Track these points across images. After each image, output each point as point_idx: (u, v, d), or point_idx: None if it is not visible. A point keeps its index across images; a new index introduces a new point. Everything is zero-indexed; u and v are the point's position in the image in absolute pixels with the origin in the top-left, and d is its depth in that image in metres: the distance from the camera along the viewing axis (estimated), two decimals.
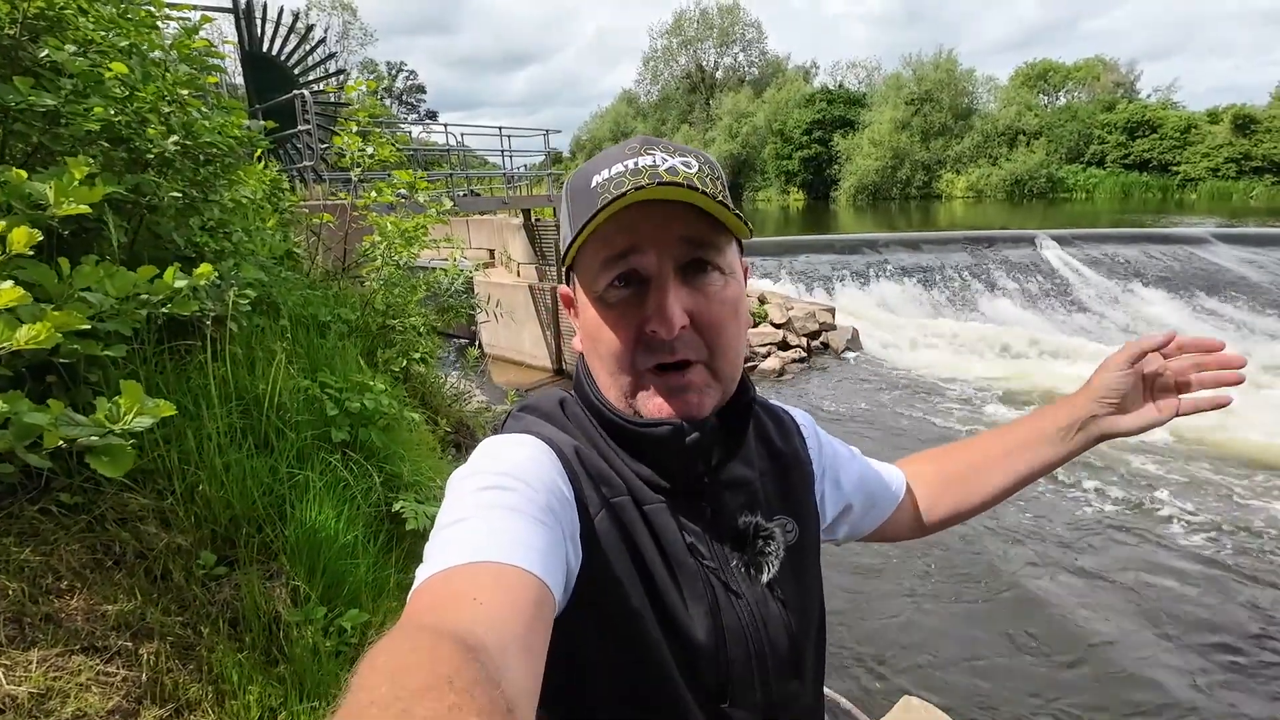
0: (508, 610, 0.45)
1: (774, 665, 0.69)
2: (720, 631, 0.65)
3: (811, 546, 0.78)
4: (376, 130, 3.86)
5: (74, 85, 1.88)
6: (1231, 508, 5.43)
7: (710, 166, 0.67)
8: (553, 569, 0.52)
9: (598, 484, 0.65)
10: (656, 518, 0.65)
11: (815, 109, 44.53)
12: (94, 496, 1.62)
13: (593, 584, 0.60)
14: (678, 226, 0.63)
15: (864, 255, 14.04)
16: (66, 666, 1.29)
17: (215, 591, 1.58)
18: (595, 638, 0.61)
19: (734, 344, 0.67)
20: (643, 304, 0.64)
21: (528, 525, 0.53)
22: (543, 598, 0.49)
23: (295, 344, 2.45)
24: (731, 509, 0.71)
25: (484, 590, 0.46)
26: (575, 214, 0.65)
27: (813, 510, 0.81)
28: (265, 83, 7.93)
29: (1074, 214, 26.60)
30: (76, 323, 1.31)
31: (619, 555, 0.62)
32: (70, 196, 1.53)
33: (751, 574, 0.70)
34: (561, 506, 0.59)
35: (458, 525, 0.53)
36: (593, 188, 0.64)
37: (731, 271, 0.67)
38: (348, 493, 2.00)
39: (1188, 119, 36.66)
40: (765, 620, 0.69)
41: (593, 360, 0.70)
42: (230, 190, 2.51)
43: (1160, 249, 14.28)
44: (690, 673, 0.64)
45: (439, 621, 0.43)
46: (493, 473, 0.59)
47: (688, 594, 0.65)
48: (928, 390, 8.65)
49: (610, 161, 0.65)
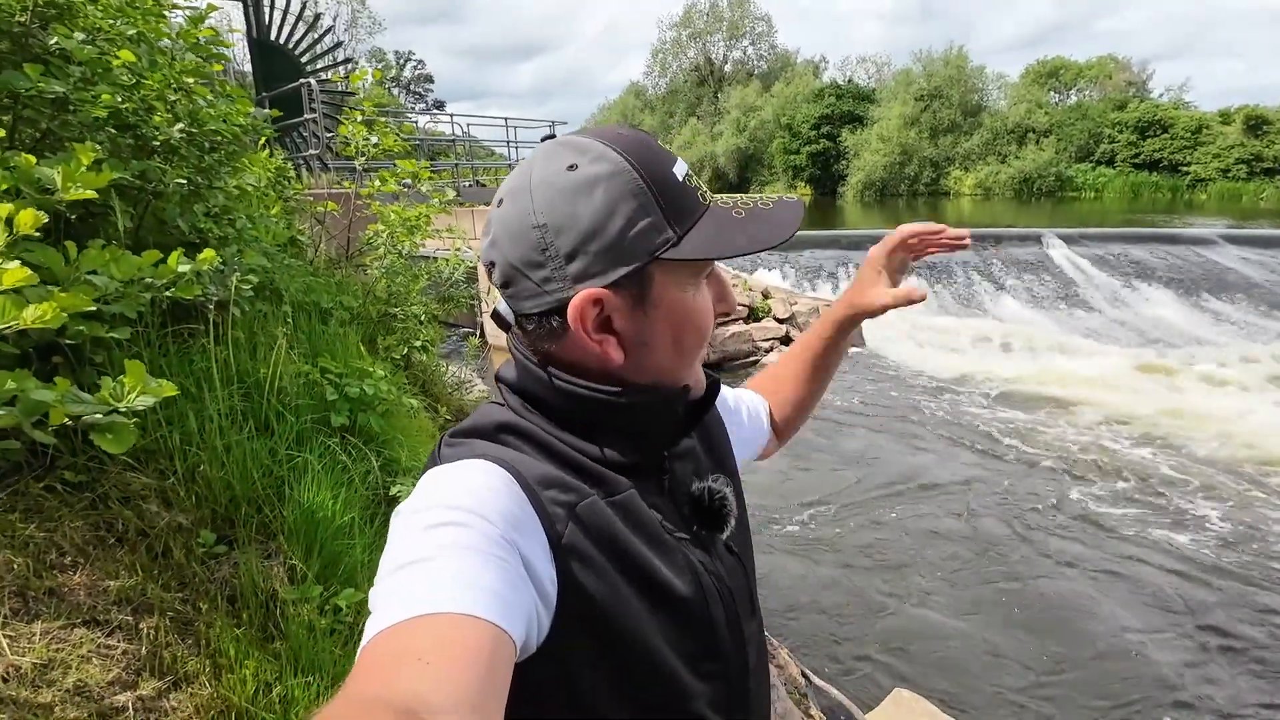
0: (458, 667, 0.43)
1: (741, 614, 0.73)
2: (704, 597, 0.67)
3: (741, 491, 0.83)
4: (382, 120, 3.88)
5: (82, 73, 1.91)
6: (1233, 505, 5.43)
7: None
8: (510, 609, 0.49)
9: (559, 495, 0.61)
10: (629, 506, 0.65)
11: (824, 104, 44.32)
12: (97, 475, 1.66)
13: (574, 599, 0.58)
14: None
15: (869, 251, 13.98)
16: (68, 639, 1.33)
17: (214, 569, 1.62)
18: (588, 651, 0.60)
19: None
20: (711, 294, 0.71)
21: (484, 565, 0.50)
22: (498, 646, 0.46)
23: (297, 330, 2.49)
24: (683, 477, 0.73)
25: (430, 647, 0.43)
26: (675, 208, 0.63)
27: (732, 458, 0.86)
28: (273, 70, 7.95)
29: (1082, 213, 26.45)
30: (82, 304, 1.34)
31: (594, 561, 0.60)
32: (78, 181, 1.57)
33: (714, 536, 0.73)
34: (521, 534, 0.56)
35: (404, 571, 0.50)
36: (682, 182, 0.65)
37: None
38: (346, 476, 2.03)
39: (1199, 119, 36.35)
40: (728, 575, 0.72)
41: (668, 354, 0.67)
42: (235, 177, 2.54)
43: (1168, 249, 14.20)
44: (684, 646, 0.65)
45: (381, 690, 0.40)
46: (443, 507, 0.55)
47: (672, 570, 0.65)
48: (931, 387, 8.66)
49: (669, 155, 0.66)
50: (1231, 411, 7.25)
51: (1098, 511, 5.39)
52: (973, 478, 6.03)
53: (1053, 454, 6.50)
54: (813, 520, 5.33)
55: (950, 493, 5.74)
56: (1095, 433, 6.98)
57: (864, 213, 31.17)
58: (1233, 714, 3.37)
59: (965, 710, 3.39)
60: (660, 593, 0.63)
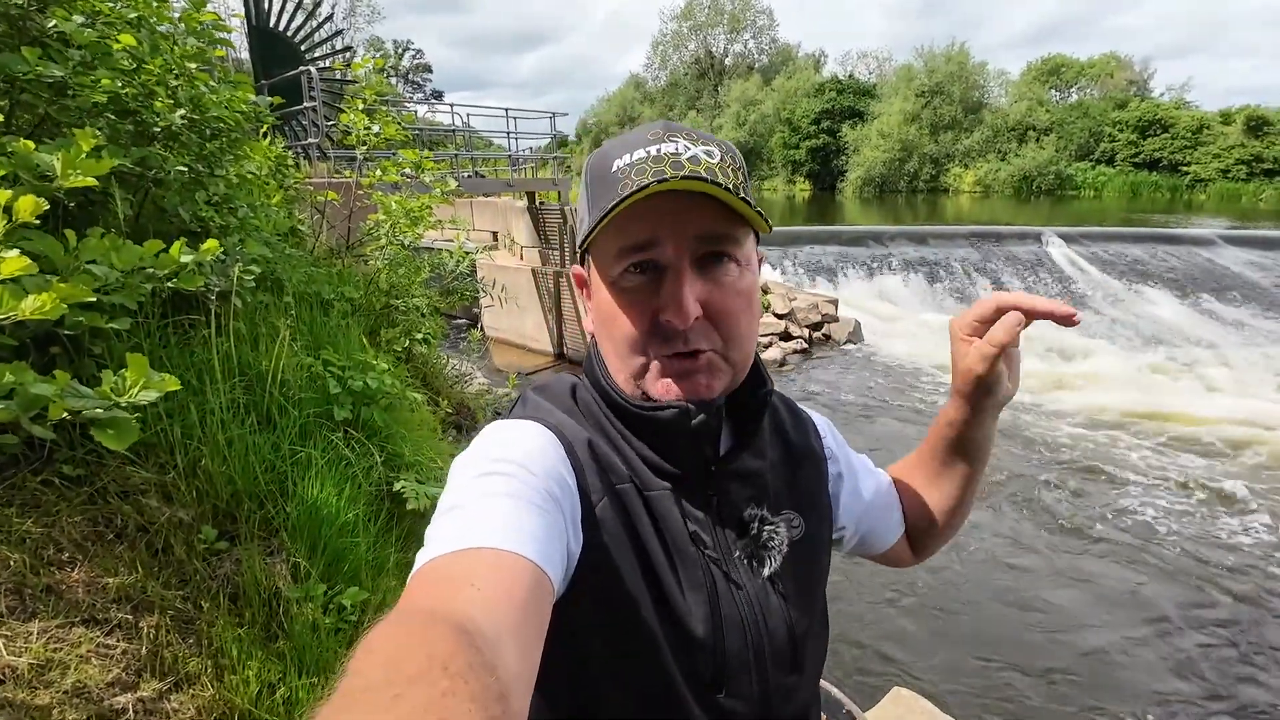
0: (504, 596, 0.45)
1: (772, 658, 0.69)
2: (718, 621, 0.65)
3: (820, 544, 0.78)
4: (383, 109, 3.83)
5: (82, 56, 1.86)
6: (1235, 507, 5.44)
7: (732, 155, 0.66)
8: (551, 555, 0.52)
9: (602, 470, 0.64)
10: (659, 504, 0.66)
11: (824, 99, 44.18)
12: (96, 469, 1.62)
13: (593, 570, 0.60)
14: (697, 220, 0.62)
15: (869, 247, 13.99)
16: (67, 638, 1.30)
17: (216, 566, 1.59)
18: (594, 624, 0.61)
19: (747, 333, 0.67)
20: (657, 292, 0.63)
21: (527, 512, 0.53)
22: (540, 584, 0.49)
23: (299, 321, 2.45)
24: (737, 500, 0.70)
25: (481, 576, 0.46)
26: (595, 198, 0.65)
27: (825, 508, 0.80)
28: (271, 58, 7.86)
29: (1082, 212, 26.46)
30: (82, 295, 1.31)
31: (619, 542, 0.63)
32: (77, 168, 1.53)
33: (754, 566, 0.69)
34: (562, 493, 0.59)
35: (457, 511, 0.54)
36: (613, 172, 0.63)
37: (747, 262, 0.67)
38: (349, 471, 2.00)
39: (1200, 119, 36.35)
40: (765, 613, 0.69)
41: (604, 344, 0.69)
42: (236, 165, 2.50)
43: (1167, 249, 14.21)
44: (686, 661, 0.64)
45: (435, 607, 0.43)
46: (493, 459, 0.59)
47: (686, 582, 0.64)
48: (928, 385, 8.65)
49: (632, 146, 0.64)
50: (1230, 413, 7.26)
51: (1095, 513, 5.39)
52: None
53: (1049, 454, 6.50)
54: None
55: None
56: (1093, 433, 6.98)
57: (863, 209, 31.11)
58: (1230, 711, 3.38)
59: (964, 709, 3.39)
60: (665, 600, 0.63)
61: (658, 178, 0.59)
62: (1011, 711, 3.40)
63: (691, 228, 0.62)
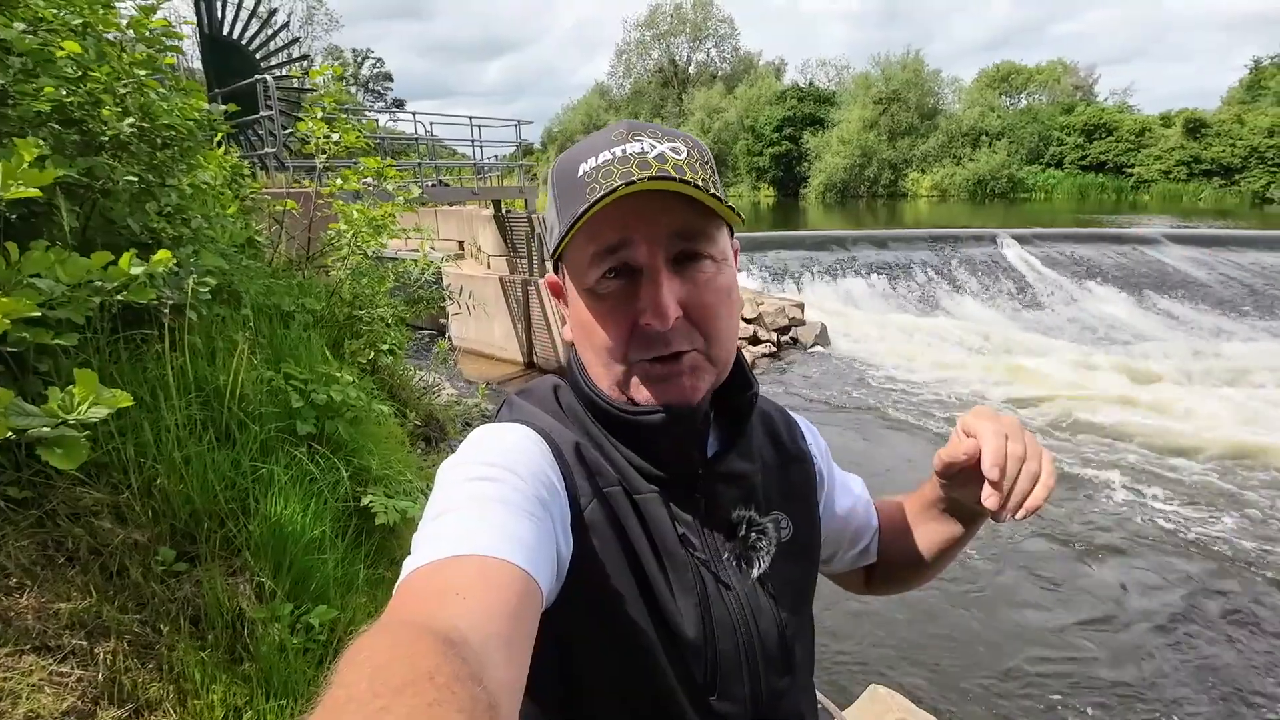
0: (492, 605, 0.45)
1: (764, 659, 0.68)
2: (709, 623, 0.65)
3: (810, 546, 0.78)
4: (343, 116, 3.77)
5: (23, 64, 1.79)
6: (1187, 494, 5.65)
7: (699, 151, 0.65)
8: (540, 561, 0.52)
9: (590, 473, 0.64)
10: (648, 507, 0.65)
11: (786, 106, 44.88)
12: (44, 491, 1.56)
13: (583, 574, 0.60)
14: (669, 219, 0.62)
15: (832, 252, 14.24)
16: (17, 666, 1.24)
17: (175, 588, 1.54)
18: (586, 627, 0.61)
19: (728, 330, 0.67)
20: (635, 296, 0.62)
21: (515, 517, 0.53)
22: (528, 591, 0.49)
23: (258, 334, 2.39)
24: (725, 501, 0.70)
25: (468, 584, 0.46)
26: (563, 205, 0.64)
27: (814, 511, 0.80)
28: (225, 67, 7.69)
29: (1033, 214, 27.30)
30: (26, 309, 1.25)
31: (609, 545, 0.62)
32: (19, 179, 1.46)
33: (743, 567, 0.69)
34: (551, 497, 0.58)
35: (444, 517, 0.53)
36: (579, 177, 0.63)
37: (724, 258, 0.66)
38: (314, 486, 1.95)
39: (1143, 122, 37.86)
40: (755, 614, 0.69)
41: (585, 351, 0.68)
42: (189, 175, 2.43)
43: (1115, 248, 14.77)
44: (679, 663, 0.63)
45: (421, 617, 0.42)
46: (481, 463, 0.58)
47: (677, 585, 0.64)
48: (894, 384, 8.81)
49: (596, 149, 0.63)
50: (1180, 405, 7.55)
51: (1063, 507, 5.54)
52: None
53: None
54: None
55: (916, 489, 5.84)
56: (1052, 428, 7.19)
57: (826, 214, 31.63)
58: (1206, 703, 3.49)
59: (941, 705, 3.44)
60: (656, 603, 0.63)
61: (625, 179, 0.58)
62: (989, 706, 3.46)
63: (664, 226, 0.62)
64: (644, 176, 0.59)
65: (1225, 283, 13.37)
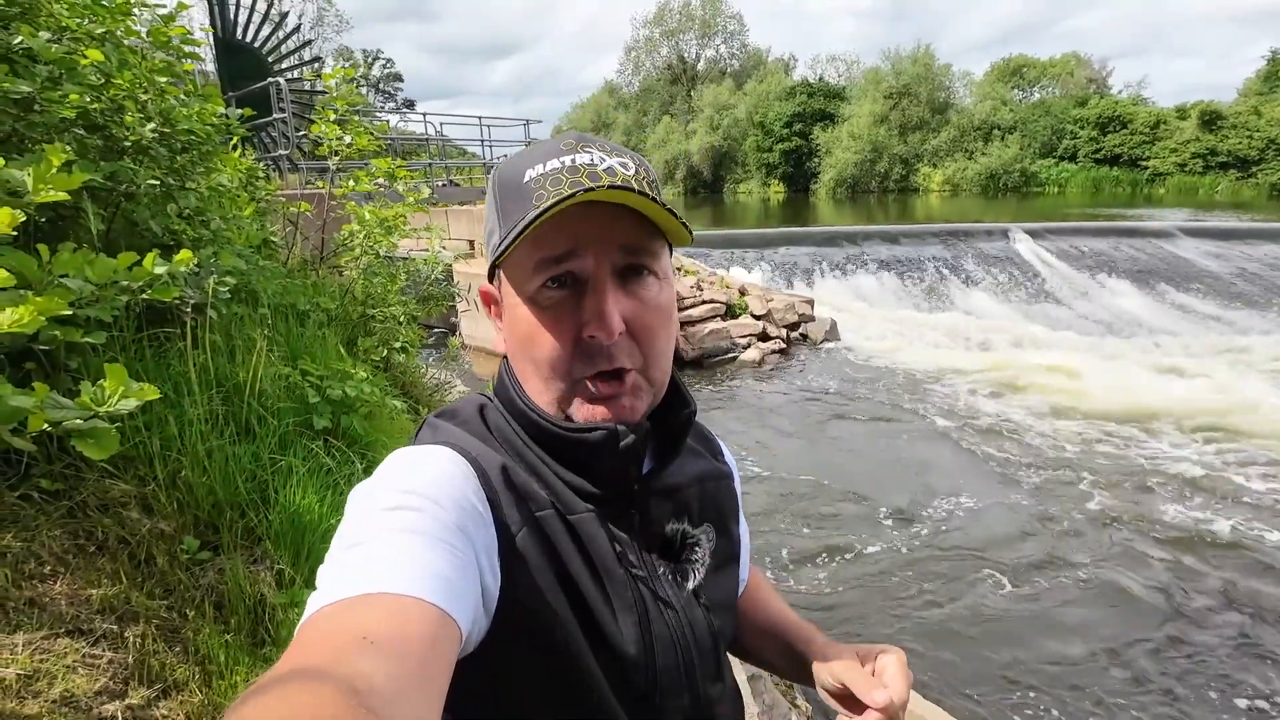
0: (402, 649, 0.42)
1: (700, 669, 0.69)
2: (649, 641, 0.64)
3: (734, 556, 0.79)
4: (355, 118, 3.84)
5: (49, 72, 1.86)
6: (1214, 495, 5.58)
7: (645, 169, 0.66)
8: (459, 597, 0.49)
9: (520, 499, 0.61)
10: (584, 528, 0.63)
11: (795, 102, 44.72)
12: (75, 483, 1.62)
13: (515, 604, 0.57)
14: (619, 231, 0.61)
15: (842, 248, 14.20)
16: (53, 649, 1.30)
17: (199, 576, 1.60)
18: (521, 659, 0.59)
19: (666, 350, 0.67)
20: (579, 307, 0.61)
21: (433, 550, 0.50)
22: (444, 631, 0.46)
23: (275, 332, 2.46)
24: (659, 517, 0.70)
25: (377, 626, 0.42)
26: (507, 210, 0.63)
27: (735, 524, 0.81)
28: (239, 70, 7.80)
29: (1046, 208, 27.06)
30: (58, 308, 1.32)
31: (543, 572, 0.60)
32: (49, 183, 1.53)
33: (679, 581, 0.70)
34: (475, 526, 0.55)
35: (355, 550, 0.49)
36: (526, 183, 0.62)
37: (665, 276, 0.66)
38: (330, 479, 2.01)
39: (1157, 115, 37.41)
40: (692, 626, 0.69)
41: (521, 364, 0.66)
42: (208, 178, 2.50)
43: (1129, 242, 14.62)
44: (619, 682, 0.62)
45: (324, 664, 0.39)
46: (399, 490, 0.55)
47: (617, 604, 0.63)
48: (904, 381, 8.80)
49: (544, 156, 0.63)
50: (1197, 401, 7.48)
51: (1078, 506, 5.51)
52: (949, 473, 6.15)
53: (1031, 449, 6.64)
54: (794, 515, 5.39)
55: (928, 488, 5.84)
56: (1070, 427, 7.14)
57: (836, 210, 31.48)
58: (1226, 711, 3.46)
59: (950, 700, 3.45)
60: (596, 631, 0.62)
61: (576, 188, 0.58)
62: (998, 700, 3.47)
63: (613, 239, 0.61)
64: (597, 186, 0.58)
65: (1243, 276, 13.21)
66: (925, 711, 3.05)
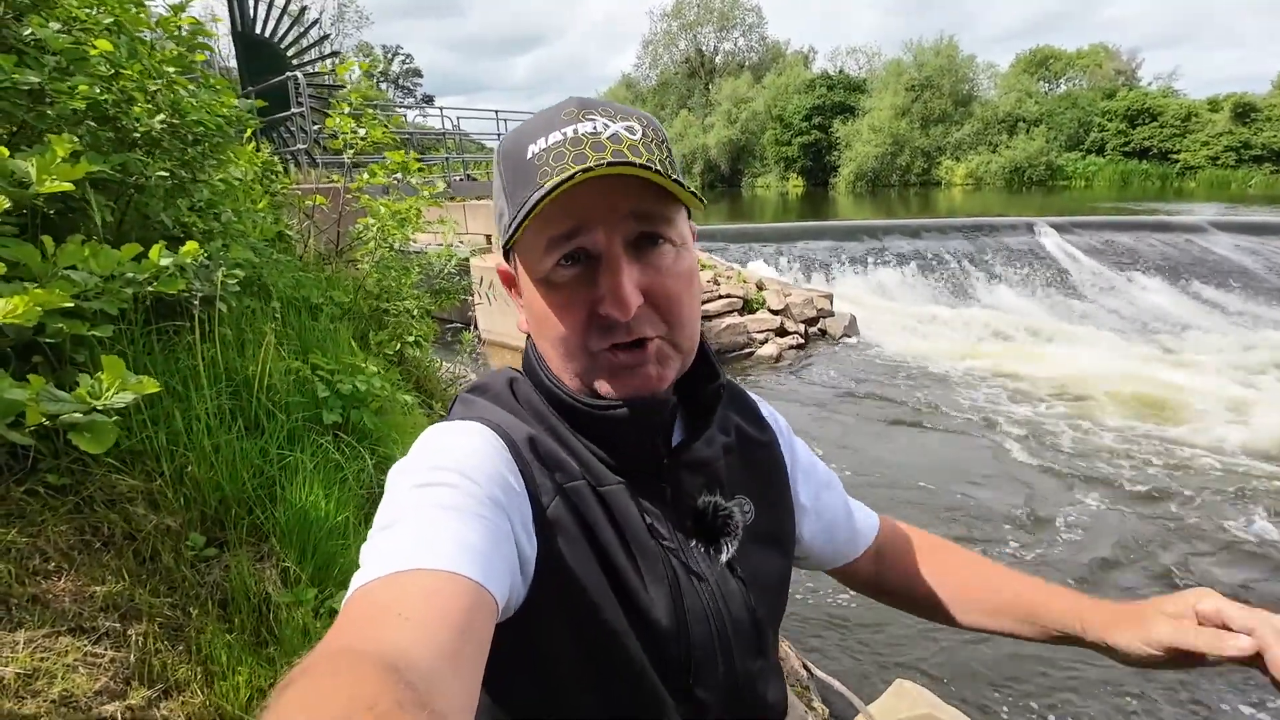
0: (437, 622, 0.43)
1: (737, 643, 0.68)
2: (682, 612, 0.65)
3: (780, 533, 0.77)
4: (370, 111, 3.82)
5: (57, 62, 1.85)
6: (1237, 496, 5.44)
7: (654, 129, 0.63)
8: (494, 569, 0.50)
9: (550, 469, 0.62)
10: (614, 500, 0.64)
11: (815, 95, 44.24)
12: (81, 478, 1.61)
13: (551, 572, 0.58)
14: (627, 202, 0.59)
15: (863, 242, 14.01)
16: (54, 647, 1.28)
17: (204, 573, 1.58)
18: (558, 628, 0.60)
19: (691, 315, 0.65)
20: (593, 283, 0.60)
21: (466, 523, 0.51)
22: (478, 603, 0.47)
23: (286, 326, 2.44)
24: (690, 489, 0.69)
25: (411, 603, 0.44)
26: (514, 189, 0.62)
27: (784, 497, 0.80)
28: (258, 65, 7.84)
29: (1073, 202, 26.53)
30: (59, 301, 1.29)
31: (575, 541, 0.60)
32: (53, 174, 1.51)
33: (711, 554, 0.69)
34: (508, 497, 0.56)
35: (392, 529, 0.51)
36: (530, 159, 0.60)
37: (683, 241, 0.64)
38: (339, 474, 1.99)
39: (1188, 107, 36.51)
40: (726, 599, 0.68)
41: (542, 343, 0.67)
42: (220, 170, 2.48)
43: (1158, 236, 14.26)
44: (654, 652, 0.63)
45: (362, 641, 0.40)
46: (431, 467, 0.56)
47: (648, 576, 0.63)
48: (925, 376, 8.66)
49: (546, 128, 0.60)
50: (1228, 399, 7.27)
51: (1101, 504, 5.40)
52: (972, 470, 6.03)
53: (1051, 445, 6.51)
54: None
55: (950, 485, 5.73)
56: (1094, 423, 6.99)
57: (856, 204, 31.14)
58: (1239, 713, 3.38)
59: (968, 701, 3.38)
60: (627, 599, 0.62)
61: (579, 162, 0.56)
62: (1017, 704, 3.40)
63: (621, 210, 0.59)
64: (599, 158, 0.56)
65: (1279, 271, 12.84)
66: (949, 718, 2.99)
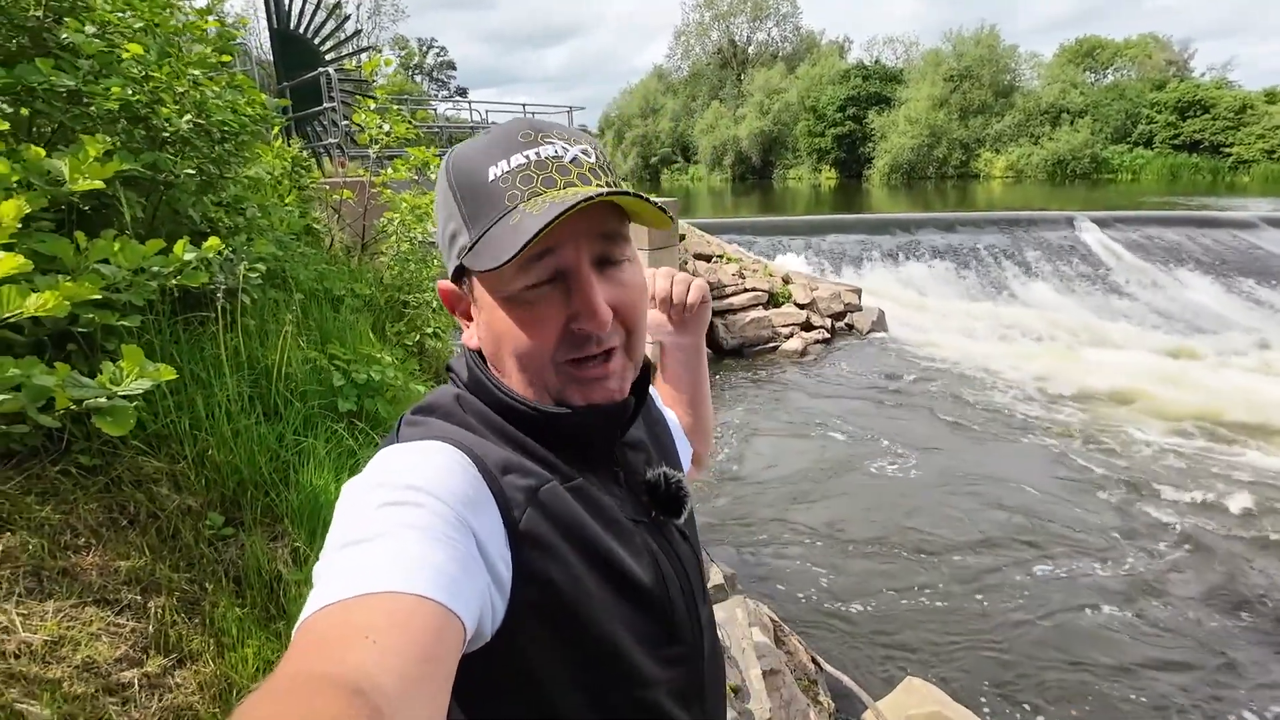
0: (405, 646, 0.42)
1: (699, 598, 0.75)
2: (663, 580, 0.69)
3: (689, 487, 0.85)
4: (395, 107, 3.90)
5: (90, 65, 1.94)
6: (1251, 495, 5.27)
7: (601, 153, 0.67)
8: (463, 593, 0.49)
9: (518, 480, 0.61)
10: (586, 492, 0.66)
11: (850, 85, 43.44)
12: (111, 459, 1.71)
13: (531, 586, 0.57)
14: (597, 221, 0.62)
15: (894, 235, 13.75)
16: (79, 617, 1.38)
17: (221, 551, 1.67)
18: (543, 637, 0.59)
19: (644, 324, 0.69)
20: (564, 300, 0.62)
21: (436, 546, 0.49)
22: (447, 628, 0.45)
23: (307, 317, 2.53)
24: (637, 466, 0.75)
25: (378, 625, 0.42)
26: (475, 213, 0.62)
27: (678, 453, 0.90)
28: (294, 59, 8.03)
29: (1118, 196, 25.64)
30: (87, 293, 1.38)
31: (554, 546, 0.60)
32: (85, 173, 1.60)
33: (668, 521, 0.74)
34: (478, 517, 0.55)
35: (355, 548, 0.49)
36: (492, 182, 0.61)
37: (633, 256, 0.68)
38: (352, 460, 2.07)
39: (1243, 99, 34.89)
40: (683, 559, 0.74)
41: (502, 359, 0.66)
42: (247, 167, 2.58)
43: (1206, 233, 13.71)
44: (644, 624, 0.66)
45: (326, 665, 0.39)
46: (395, 485, 0.54)
47: (630, 552, 0.67)
48: (953, 374, 8.51)
49: (505, 151, 0.62)
50: (1274, 402, 7.00)
51: (1124, 507, 5.27)
52: (992, 469, 5.93)
53: (1079, 446, 6.36)
54: (825, 508, 5.30)
55: (968, 484, 5.65)
56: (1126, 425, 6.80)
57: (890, 196, 30.57)
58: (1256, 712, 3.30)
59: (977, 699, 3.36)
60: (621, 578, 0.64)
61: (549, 185, 0.60)
62: (1025, 703, 3.37)
63: (592, 231, 0.62)
64: (567, 181, 0.60)
65: None
66: (958, 716, 2.98)
